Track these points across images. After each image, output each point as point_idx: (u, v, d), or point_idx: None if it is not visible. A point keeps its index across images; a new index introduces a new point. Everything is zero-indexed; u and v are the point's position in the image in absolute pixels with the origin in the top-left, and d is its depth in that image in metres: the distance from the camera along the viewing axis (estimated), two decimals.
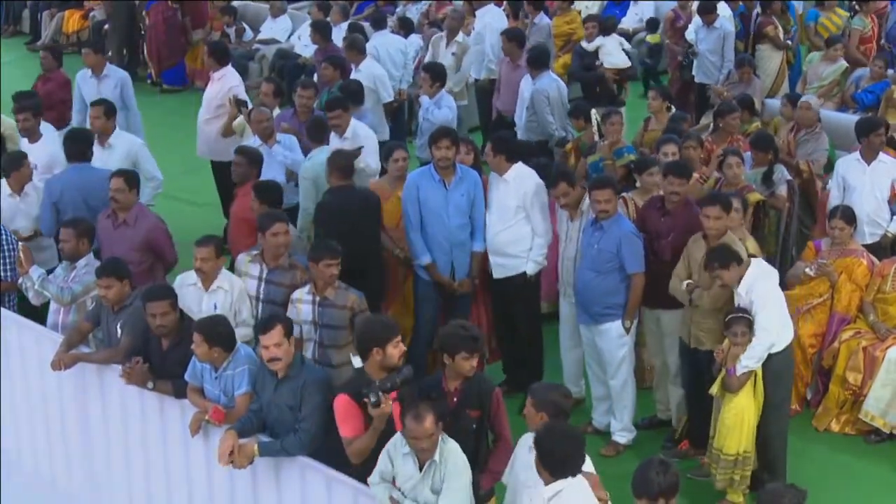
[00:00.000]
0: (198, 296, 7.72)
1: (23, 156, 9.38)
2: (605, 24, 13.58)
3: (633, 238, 8.05)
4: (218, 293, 7.73)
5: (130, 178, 8.59)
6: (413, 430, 5.91)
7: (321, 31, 13.00)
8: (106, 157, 9.63)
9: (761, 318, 7.38)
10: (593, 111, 10.34)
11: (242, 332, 7.53)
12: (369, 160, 9.88)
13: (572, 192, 8.36)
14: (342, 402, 6.35)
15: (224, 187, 11.08)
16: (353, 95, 10.58)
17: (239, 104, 10.43)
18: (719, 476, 7.59)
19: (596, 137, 10.24)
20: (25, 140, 10.17)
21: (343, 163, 8.67)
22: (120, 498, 7.72)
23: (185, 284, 7.80)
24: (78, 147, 9.35)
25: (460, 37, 13.34)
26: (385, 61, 12.62)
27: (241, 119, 10.48)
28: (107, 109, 9.98)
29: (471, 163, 9.03)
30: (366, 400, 6.20)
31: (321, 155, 9.17)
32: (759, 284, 7.46)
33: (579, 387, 8.87)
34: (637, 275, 8.03)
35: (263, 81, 11.10)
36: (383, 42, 12.95)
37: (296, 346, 6.93)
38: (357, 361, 6.45)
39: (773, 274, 7.62)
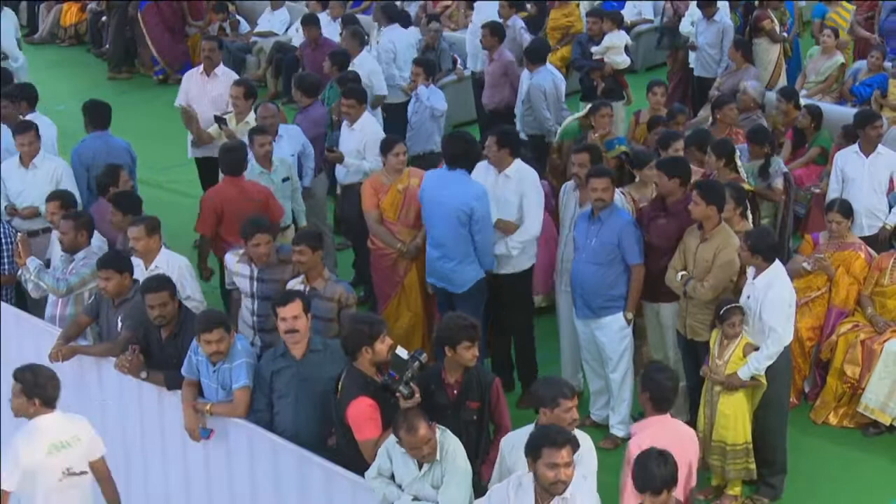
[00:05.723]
0: (140, 276, 7.71)
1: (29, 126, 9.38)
2: (613, 18, 13.41)
3: (633, 228, 8.03)
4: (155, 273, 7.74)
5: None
6: (410, 442, 5.93)
7: (313, 23, 12.98)
8: (30, 179, 9.40)
9: (771, 319, 7.37)
10: None
11: (192, 305, 7.63)
12: (371, 159, 9.79)
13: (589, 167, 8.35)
14: (366, 405, 6.33)
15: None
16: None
17: (219, 121, 10.43)
18: (732, 468, 7.55)
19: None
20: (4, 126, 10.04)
21: None
22: None
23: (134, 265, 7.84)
24: (99, 114, 9.67)
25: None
26: (399, 57, 12.64)
27: (215, 127, 10.48)
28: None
29: None
30: (398, 394, 6.21)
31: None
32: (778, 285, 7.45)
33: (577, 380, 8.86)
34: (637, 266, 8.02)
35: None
36: (391, 38, 12.89)
37: None
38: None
39: (788, 282, 7.62)
